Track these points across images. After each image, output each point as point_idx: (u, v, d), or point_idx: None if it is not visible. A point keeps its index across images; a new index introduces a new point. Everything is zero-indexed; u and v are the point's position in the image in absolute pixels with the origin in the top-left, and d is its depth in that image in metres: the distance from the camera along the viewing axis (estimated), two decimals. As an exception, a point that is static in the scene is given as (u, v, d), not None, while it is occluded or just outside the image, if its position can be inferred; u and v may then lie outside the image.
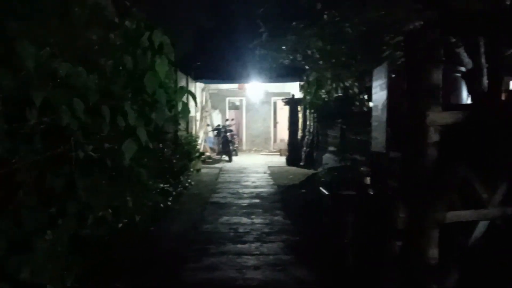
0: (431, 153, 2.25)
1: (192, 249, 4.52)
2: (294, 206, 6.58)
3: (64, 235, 2.12)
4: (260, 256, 4.38)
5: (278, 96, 16.42)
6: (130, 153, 1.88)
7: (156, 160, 6.53)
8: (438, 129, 2.23)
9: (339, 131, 8.89)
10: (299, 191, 7.53)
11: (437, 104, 2.23)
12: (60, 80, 1.73)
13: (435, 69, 2.21)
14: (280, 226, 5.54)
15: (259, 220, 5.80)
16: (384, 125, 3.23)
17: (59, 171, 2.10)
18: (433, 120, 2.22)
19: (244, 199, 7.21)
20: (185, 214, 6.12)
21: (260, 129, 17.36)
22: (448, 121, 2.24)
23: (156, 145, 3.26)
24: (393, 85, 3.15)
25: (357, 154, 6.92)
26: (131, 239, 2.81)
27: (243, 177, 9.84)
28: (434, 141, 2.23)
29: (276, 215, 6.08)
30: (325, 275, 3.75)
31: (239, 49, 12.09)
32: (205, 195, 7.57)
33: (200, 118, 15.11)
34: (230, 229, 5.36)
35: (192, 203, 6.90)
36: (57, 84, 1.72)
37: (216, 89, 16.83)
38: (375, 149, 3.47)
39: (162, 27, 2.13)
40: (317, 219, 5.28)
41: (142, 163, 2.49)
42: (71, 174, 2.13)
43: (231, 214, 6.16)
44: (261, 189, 8.24)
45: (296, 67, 10.97)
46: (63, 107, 1.77)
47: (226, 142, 13.49)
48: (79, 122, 1.82)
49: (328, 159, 9.89)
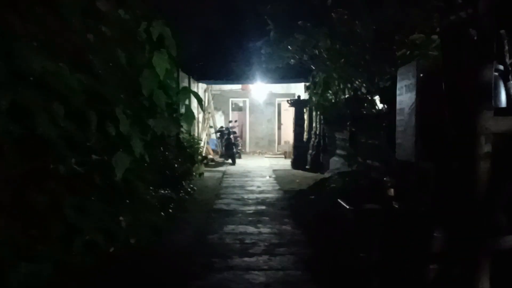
0: (481, 167, 1.88)
1: (196, 264, 4.16)
2: (303, 214, 6.20)
3: (45, 266, 1.75)
4: (269, 271, 4.01)
5: (283, 97, 16.07)
6: (121, 167, 1.54)
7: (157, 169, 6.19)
8: (491, 138, 1.86)
9: (348, 134, 8.51)
10: (308, 197, 7.15)
11: (489, 108, 1.87)
12: (35, 79, 1.39)
13: (487, 65, 1.85)
14: (290, 236, 5.17)
15: (267, 230, 5.43)
16: (412, 130, 2.86)
17: (41, 187, 1.75)
18: (485, 127, 1.86)
19: (249, 206, 6.85)
20: (188, 223, 5.75)
21: (264, 131, 16.99)
22: (503, 129, 1.88)
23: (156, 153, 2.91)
24: (424, 86, 2.79)
25: (369, 159, 6.55)
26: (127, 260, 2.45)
27: (248, 182, 9.48)
28: (485, 152, 1.87)
29: (285, 224, 5.71)
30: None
31: (244, 49, 11.76)
32: (208, 201, 7.22)
33: (202, 120, 14.78)
34: (236, 239, 5.00)
35: (196, 210, 6.54)
36: (31, 83, 1.38)
37: (219, 90, 16.49)
38: (401, 157, 3.11)
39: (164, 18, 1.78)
40: (331, 230, 4.91)
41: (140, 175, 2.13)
42: (54, 191, 1.77)
43: (237, 222, 5.80)
44: (267, 194, 7.88)
45: (302, 67, 10.63)
46: (39, 111, 1.42)
47: (230, 145, 13.13)
48: (60, 130, 1.47)
49: (336, 163, 9.52)
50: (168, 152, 7.85)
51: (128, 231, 2.06)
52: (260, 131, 17.00)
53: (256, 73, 12.20)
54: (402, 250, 2.53)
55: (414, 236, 2.49)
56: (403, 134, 3.03)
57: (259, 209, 6.65)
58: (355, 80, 8.89)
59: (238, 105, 17.81)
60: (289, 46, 9.07)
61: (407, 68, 3.16)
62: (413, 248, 2.48)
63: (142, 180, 2.14)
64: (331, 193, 5.75)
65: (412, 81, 2.93)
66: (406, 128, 3.01)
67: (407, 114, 3.03)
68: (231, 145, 13.15)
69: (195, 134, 12.91)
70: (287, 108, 14.76)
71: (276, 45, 8.67)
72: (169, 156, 7.67)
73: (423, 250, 2.40)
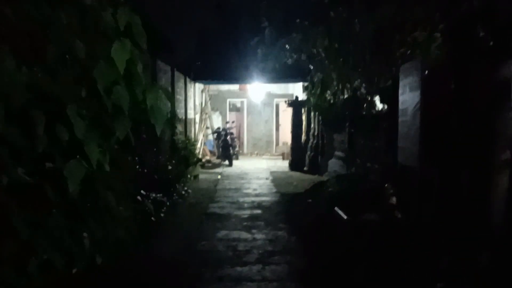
0: (498, 177, 1.63)
1: (183, 275, 3.91)
2: (299, 220, 5.96)
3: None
4: (262, 283, 3.76)
5: (281, 98, 15.81)
6: (75, 178, 1.29)
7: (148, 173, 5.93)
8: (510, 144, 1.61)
9: (347, 135, 8.27)
10: (305, 201, 6.91)
11: (508, 109, 1.62)
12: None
13: (507, 61, 1.60)
14: (285, 243, 4.92)
15: (261, 236, 5.18)
16: (416, 133, 2.61)
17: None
18: (503, 130, 1.61)
19: (244, 210, 6.60)
20: (179, 228, 5.50)
21: (262, 132, 16.73)
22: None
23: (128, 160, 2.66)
24: (429, 85, 2.54)
25: (368, 161, 6.31)
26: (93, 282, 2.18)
27: (244, 184, 9.23)
28: (503, 159, 1.62)
29: (280, 230, 5.46)
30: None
31: (241, 48, 11.51)
32: (202, 205, 6.96)
33: (199, 121, 14.53)
34: (228, 246, 4.75)
35: (188, 214, 6.28)
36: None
37: (216, 90, 16.23)
38: (404, 162, 2.86)
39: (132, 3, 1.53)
40: (327, 238, 4.67)
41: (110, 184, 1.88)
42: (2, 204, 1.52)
43: (230, 227, 5.55)
44: (263, 197, 7.63)
45: (300, 67, 10.41)
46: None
47: (227, 146, 12.87)
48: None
49: (335, 165, 9.29)
50: (161, 154, 7.60)
51: (94, 249, 1.80)
52: (258, 132, 16.74)
53: (253, 73, 11.96)
54: (404, 268, 2.28)
55: (418, 253, 2.25)
56: (406, 137, 2.78)
57: (254, 213, 6.40)
58: (354, 80, 8.65)
59: (236, 106, 17.55)
60: (286, 45, 8.84)
61: (410, 65, 2.91)
62: (417, 267, 2.24)
63: (114, 190, 1.89)
64: (328, 197, 5.50)
65: (416, 79, 2.68)
66: (409, 130, 2.75)
67: (411, 115, 2.77)
68: (228, 146, 12.88)
69: (192, 135, 12.66)
70: (285, 109, 14.52)
71: (272, 45, 8.41)
72: (162, 158, 7.43)
73: (429, 270, 2.16)
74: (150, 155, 6.78)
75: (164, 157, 7.70)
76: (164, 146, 8.18)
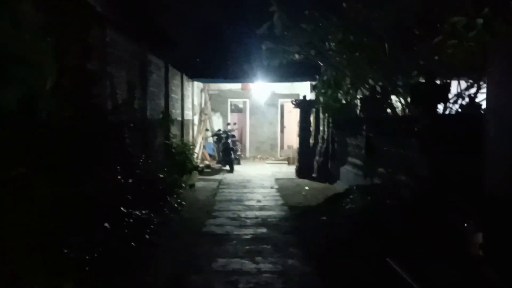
0: None
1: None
2: (314, 243, 4.94)
3: None
4: None
5: (286, 98, 14.79)
6: None
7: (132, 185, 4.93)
8: None
9: (364, 140, 7.24)
10: (318, 217, 5.88)
11: None
12: None
13: None
14: (299, 277, 3.92)
15: (268, 266, 4.17)
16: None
17: None
18: None
19: (247, 228, 5.59)
20: (166, 255, 4.48)
21: (265, 134, 15.70)
22: None
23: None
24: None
25: (396, 171, 5.29)
26: None
27: (246, 194, 8.21)
28: None
29: (291, 257, 4.45)
30: None
31: (244, 43, 10.51)
32: (198, 221, 5.95)
33: (198, 122, 13.54)
34: (227, 283, 3.75)
35: (179, 235, 5.26)
36: None
37: (217, 90, 15.24)
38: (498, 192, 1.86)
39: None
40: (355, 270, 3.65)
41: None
42: None
43: (230, 254, 4.54)
44: (268, 212, 6.61)
45: (309, 64, 9.41)
46: None
47: (227, 150, 11.85)
48: None
49: (348, 173, 8.27)
50: (152, 160, 6.59)
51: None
52: (262, 135, 15.71)
53: (257, 71, 10.99)
54: None
55: None
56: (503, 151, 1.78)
57: (258, 233, 5.39)
58: (372, 77, 7.64)
59: (238, 106, 16.55)
60: (295, 38, 7.84)
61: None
62: None
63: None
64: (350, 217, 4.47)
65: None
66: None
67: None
68: (229, 150, 11.86)
69: (189, 138, 11.66)
70: (291, 110, 13.51)
71: (280, 35, 7.40)
72: (152, 165, 6.41)
73: None
74: (136, 163, 5.78)
75: (154, 164, 6.70)
76: (155, 151, 7.17)
